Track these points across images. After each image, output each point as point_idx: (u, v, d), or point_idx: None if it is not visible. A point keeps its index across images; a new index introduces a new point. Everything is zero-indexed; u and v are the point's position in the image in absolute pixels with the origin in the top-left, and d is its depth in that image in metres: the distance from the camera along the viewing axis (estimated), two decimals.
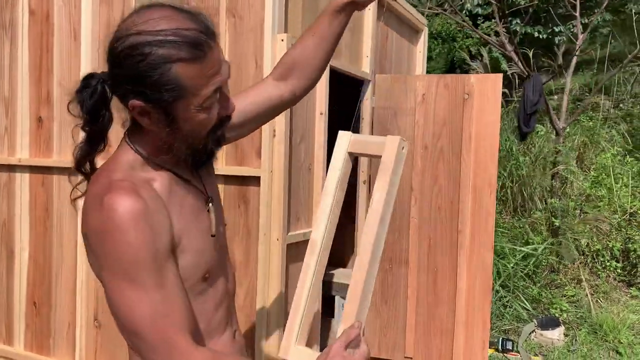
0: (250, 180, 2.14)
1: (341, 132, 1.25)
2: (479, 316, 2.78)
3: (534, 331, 4.03)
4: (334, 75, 2.47)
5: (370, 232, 1.11)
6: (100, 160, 1.08)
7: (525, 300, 4.37)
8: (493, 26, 7.53)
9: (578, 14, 5.16)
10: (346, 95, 3.04)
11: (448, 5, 6.40)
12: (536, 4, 5.70)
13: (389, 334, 2.92)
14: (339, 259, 3.49)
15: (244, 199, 2.17)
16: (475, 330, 2.79)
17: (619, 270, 4.76)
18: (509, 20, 6.51)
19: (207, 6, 2.17)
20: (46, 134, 2.58)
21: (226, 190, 2.17)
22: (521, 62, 4.91)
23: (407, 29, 3.47)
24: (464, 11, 7.44)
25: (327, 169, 2.43)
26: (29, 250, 2.65)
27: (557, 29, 7.27)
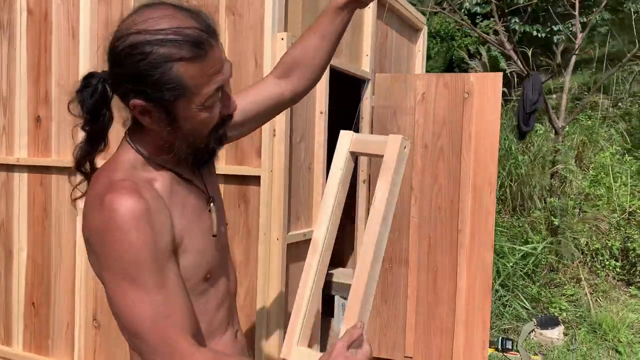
0: (250, 180, 2.13)
1: (343, 132, 1.24)
2: (478, 315, 2.78)
3: (533, 330, 4.02)
4: (333, 74, 2.46)
5: (372, 231, 1.10)
6: (100, 160, 1.08)
7: (525, 299, 4.37)
8: (492, 25, 7.53)
9: (577, 13, 5.16)
10: (346, 95, 3.03)
11: (447, 4, 6.39)
12: (535, 3, 5.69)
13: (389, 333, 2.92)
14: (338, 259, 3.49)
15: (244, 199, 2.16)
16: (475, 329, 2.78)
17: (618, 270, 4.77)
18: (508, 19, 6.51)
19: (206, 4, 2.16)
20: (44, 133, 2.57)
21: (226, 189, 2.16)
22: (520, 61, 4.90)
23: (407, 28, 3.46)
24: (463, 10, 7.43)
25: (327, 168, 2.42)
26: (27, 250, 2.63)
27: (555, 28, 7.27)
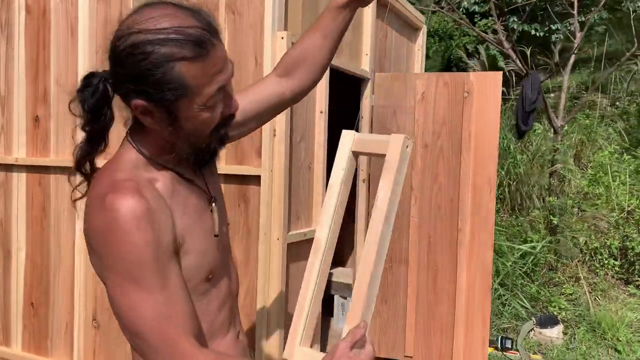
0: (250, 180, 2.12)
1: (345, 131, 1.24)
2: (478, 314, 2.78)
3: (532, 329, 4.03)
4: (333, 74, 2.45)
5: (374, 231, 1.09)
6: (100, 161, 1.07)
7: (524, 298, 4.37)
8: (490, 24, 7.53)
9: (576, 12, 5.15)
10: (345, 94, 3.03)
11: (445, 3, 6.38)
12: (534, 2, 5.69)
13: (389, 332, 2.91)
14: (338, 258, 3.49)
15: (244, 198, 2.15)
16: (475, 328, 2.78)
17: (617, 268, 4.77)
18: (506, 17, 6.51)
19: (206, 2, 2.15)
20: (43, 133, 2.55)
21: (226, 189, 2.15)
22: (519, 60, 4.90)
23: (406, 27, 3.45)
24: (461, 9, 7.43)
25: (327, 167, 2.42)
26: (26, 250, 2.62)
27: (554, 27, 7.26)
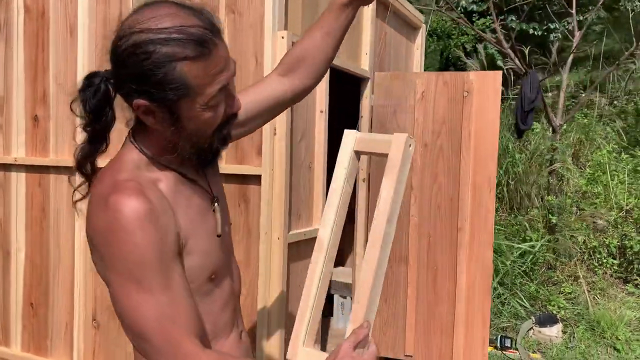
0: (250, 179, 2.12)
1: (347, 131, 1.23)
2: (478, 314, 2.78)
3: (532, 328, 4.03)
4: (333, 73, 2.45)
5: (378, 231, 1.09)
6: (100, 161, 1.06)
7: (523, 297, 4.38)
8: (488, 23, 7.53)
9: (574, 11, 5.16)
10: (345, 93, 3.03)
11: (443, 2, 6.38)
12: (532, 1, 5.69)
13: (389, 332, 2.91)
14: (337, 258, 3.48)
15: (244, 198, 2.15)
16: (475, 327, 2.78)
17: (615, 267, 4.78)
18: (505, 16, 6.51)
19: (206, 2, 2.14)
20: (42, 133, 2.55)
21: (226, 189, 2.11)
22: (518, 59, 4.90)
23: (405, 26, 3.45)
24: (459, 8, 7.43)
25: (327, 167, 2.41)
26: (25, 250, 2.62)
27: (552, 26, 7.27)
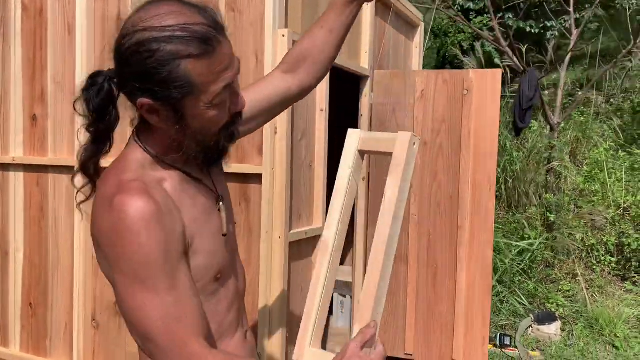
0: (251, 178, 2.11)
1: (350, 130, 1.23)
2: (479, 313, 2.78)
3: (530, 326, 4.04)
4: (332, 72, 2.43)
5: (383, 230, 1.09)
6: (103, 161, 1.05)
7: (522, 295, 4.39)
8: (486, 21, 7.53)
9: (572, 9, 5.16)
10: (344, 92, 3.02)
11: (440, 0, 6.37)
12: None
13: (389, 331, 2.91)
14: None
15: (244, 197, 2.14)
16: (476, 326, 2.78)
17: (613, 265, 4.79)
18: (502, 14, 6.51)
19: (206, 0, 2.13)
20: (41, 132, 2.53)
21: None
22: (516, 57, 4.90)
23: (404, 25, 3.44)
24: (456, 6, 7.43)
25: (327, 165, 2.41)
26: (24, 250, 2.60)
27: (549, 24, 7.28)
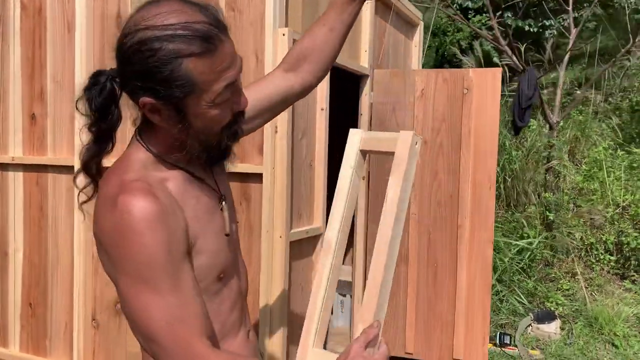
0: (251, 177, 2.11)
1: (352, 130, 1.23)
2: (479, 311, 2.78)
3: (530, 325, 4.04)
4: (332, 71, 2.43)
5: (386, 230, 1.09)
6: (104, 161, 1.05)
7: (521, 294, 4.39)
8: (484, 20, 7.53)
9: (571, 8, 5.16)
10: (344, 91, 3.01)
11: None
12: None
13: (389, 330, 2.91)
14: None
15: (245, 196, 2.13)
16: (476, 325, 2.78)
17: (612, 263, 4.79)
18: (501, 13, 6.51)
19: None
20: (40, 131, 2.52)
21: None
22: (515, 56, 4.90)
23: (404, 24, 3.44)
24: (455, 5, 7.43)
25: (328, 165, 2.40)
26: (23, 250, 2.59)
27: (547, 23, 7.28)
